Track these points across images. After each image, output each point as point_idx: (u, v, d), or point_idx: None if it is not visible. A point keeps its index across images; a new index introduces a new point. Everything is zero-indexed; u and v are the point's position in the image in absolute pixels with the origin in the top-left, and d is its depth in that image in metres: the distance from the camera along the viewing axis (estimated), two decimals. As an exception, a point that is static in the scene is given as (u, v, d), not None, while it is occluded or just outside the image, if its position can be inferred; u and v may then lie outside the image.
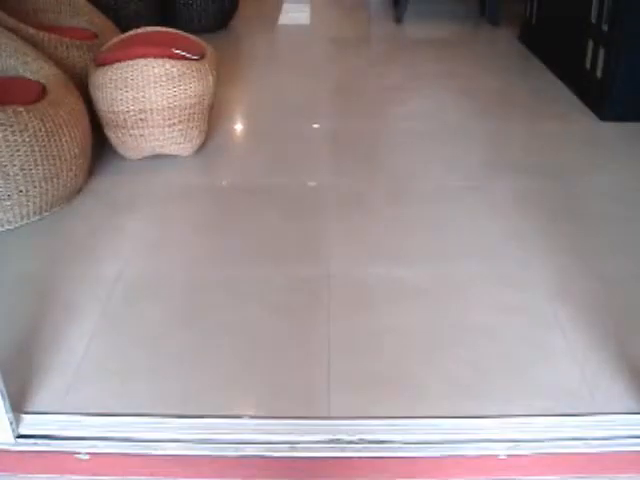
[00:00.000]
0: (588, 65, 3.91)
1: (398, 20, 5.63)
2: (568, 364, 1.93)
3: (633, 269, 2.37)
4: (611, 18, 3.62)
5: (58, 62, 3.14)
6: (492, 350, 1.98)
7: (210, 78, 3.07)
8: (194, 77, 2.98)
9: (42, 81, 2.88)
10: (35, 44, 3.15)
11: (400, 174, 3.11)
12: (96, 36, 3.67)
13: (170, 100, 2.94)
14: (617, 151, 3.39)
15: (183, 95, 2.96)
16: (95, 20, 3.88)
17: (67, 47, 3.30)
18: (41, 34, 3.24)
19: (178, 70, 2.92)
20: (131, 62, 2.89)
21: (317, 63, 4.82)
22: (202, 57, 3.10)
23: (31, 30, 3.22)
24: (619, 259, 2.42)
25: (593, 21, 3.83)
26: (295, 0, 7.00)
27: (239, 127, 3.77)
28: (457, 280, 2.31)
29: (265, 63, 4.79)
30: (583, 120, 3.74)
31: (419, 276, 2.32)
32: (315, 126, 3.70)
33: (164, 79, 2.90)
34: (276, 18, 6.17)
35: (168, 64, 2.91)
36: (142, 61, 2.89)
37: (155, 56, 2.90)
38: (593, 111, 3.81)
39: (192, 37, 3.31)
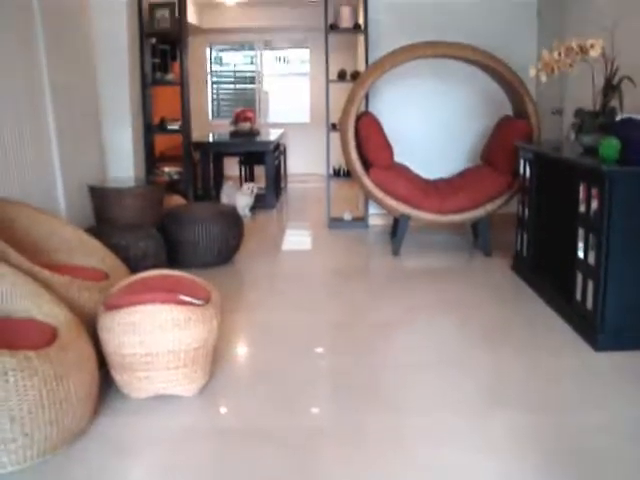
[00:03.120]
0: (579, 297, 4.06)
1: (395, 252, 5.89)
2: None
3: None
4: (597, 253, 3.81)
5: (69, 303, 3.28)
6: None
7: (214, 322, 3.20)
8: (199, 322, 3.10)
9: (53, 323, 3.00)
10: (48, 285, 3.30)
11: (399, 410, 3.14)
12: (107, 276, 3.86)
13: (175, 344, 3.05)
14: (612, 383, 3.44)
15: (188, 340, 3.08)
16: (106, 260, 4.09)
17: (78, 288, 3.45)
18: (55, 276, 3.40)
19: (184, 316, 3.06)
20: (139, 308, 3.03)
21: (317, 295, 5.00)
22: (207, 301, 3.25)
23: (45, 272, 3.38)
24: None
25: (580, 256, 4.02)
26: (296, 227, 7.40)
27: (242, 363, 3.84)
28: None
29: (267, 296, 4.97)
30: (577, 351, 3.82)
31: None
32: (315, 361, 3.78)
33: (170, 324, 3.03)
34: (279, 245, 6.48)
35: (174, 310, 3.04)
36: (149, 307, 3.03)
37: (162, 302, 3.05)
38: (587, 341, 3.90)
39: (197, 280, 3.48)
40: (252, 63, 12.04)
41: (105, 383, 3.24)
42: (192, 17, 9.15)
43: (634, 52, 4.58)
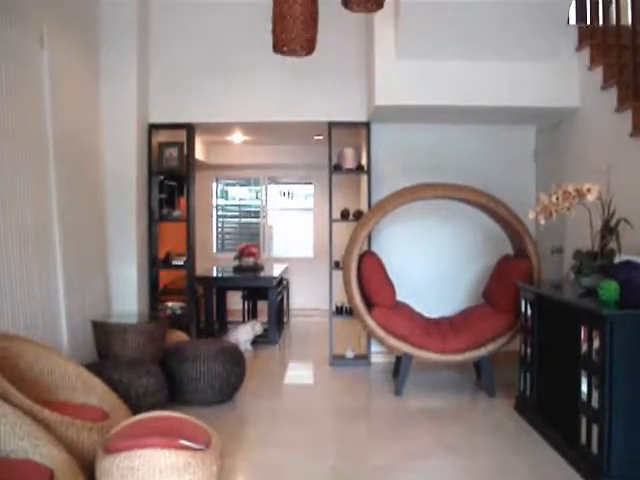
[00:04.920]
0: (583, 440, 4.01)
1: (398, 392, 5.83)
2: None
3: None
4: (600, 396, 3.79)
5: (68, 443, 3.26)
6: None
7: (214, 468, 3.16)
8: (198, 467, 3.06)
9: (50, 466, 2.96)
10: (47, 425, 3.28)
11: None
12: (107, 416, 3.83)
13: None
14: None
15: (186, 488, 3.04)
16: (106, 398, 4.07)
17: (78, 429, 3.43)
18: (54, 416, 3.38)
19: (183, 461, 3.02)
20: (138, 452, 3.00)
21: (317, 435, 4.92)
22: (207, 446, 3.21)
23: (45, 412, 3.36)
24: None
25: (583, 399, 4.00)
26: (298, 364, 7.38)
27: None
28: None
29: (267, 437, 4.89)
30: (584, 498, 3.74)
31: None
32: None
33: (169, 470, 2.99)
34: (281, 383, 6.44)
35: (174, 455, 3.01)
36: (149, 451, 3.00)
37: (162, 447, 3.02)
38: (592, 485, 3.83)
39: (198, 423, 3.46)
40: (257, 197, 12.31)
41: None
42: (199, 153, 9.43)
43: (629, 194, 4.72)
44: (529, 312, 5.12)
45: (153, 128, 7.09)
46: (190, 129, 7.19)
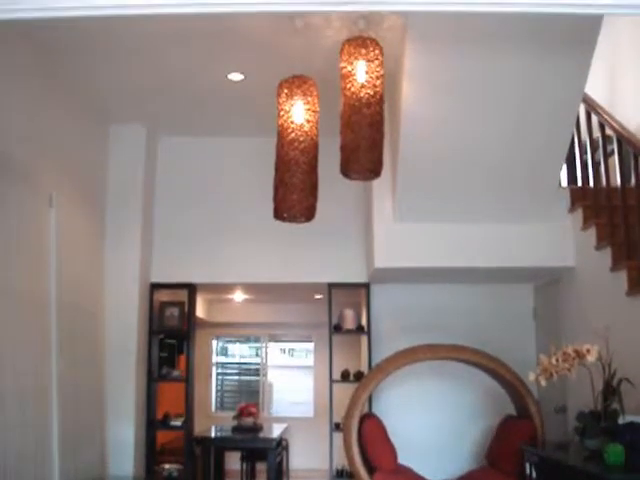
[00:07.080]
0: None
1: None
2: None
3: None
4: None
5: None
6: None
7: None
8: None
9: None
10: None
11: None
12: None
13: None
14: None
15: None
16: None
17: None
18: None
19: None
20: None
21: None
22: None
23: None
24: None
25: None
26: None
27: None
28: None
29: None
30: None
31: None
32: None
33: None
34: None
35: None
36: None
37: None
38: None
39: None
40: (257, 355, 12.27)
41: None
42: (200, 311, 9.47)
43: (629, 352, 4.72)
44: (534, 475, 5.00)
45: (155, 287, 7.16)
46: (191, 289, 7.27)
